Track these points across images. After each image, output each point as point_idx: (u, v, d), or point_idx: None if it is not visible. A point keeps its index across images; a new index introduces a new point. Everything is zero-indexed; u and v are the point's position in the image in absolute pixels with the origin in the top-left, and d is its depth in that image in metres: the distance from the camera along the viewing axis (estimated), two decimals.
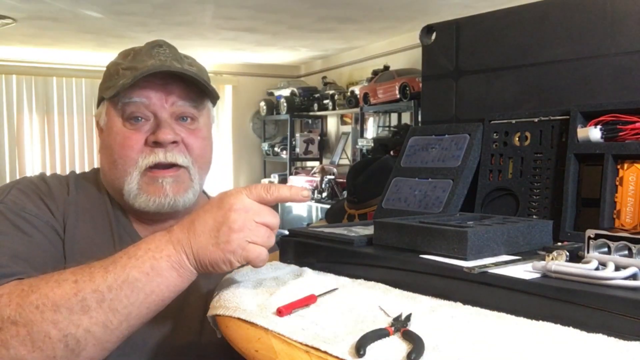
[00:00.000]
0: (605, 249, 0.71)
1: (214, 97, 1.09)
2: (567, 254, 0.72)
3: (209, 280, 0.97)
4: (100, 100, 1.06)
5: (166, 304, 0.79)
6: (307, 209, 5.48)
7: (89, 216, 1.03)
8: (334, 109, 5.48)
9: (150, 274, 0.75)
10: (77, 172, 1.14)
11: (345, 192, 4.49)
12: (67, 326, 0.71)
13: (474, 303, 0.70)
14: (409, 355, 0.55)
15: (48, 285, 0.73)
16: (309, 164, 6.25)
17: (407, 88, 4.17)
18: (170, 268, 0.77)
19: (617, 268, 0.66)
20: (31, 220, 0.94)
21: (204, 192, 1.18)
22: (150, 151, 0.99)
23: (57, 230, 0.97)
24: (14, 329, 0.69)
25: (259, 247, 0.78)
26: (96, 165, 1.15)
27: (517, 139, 1.07)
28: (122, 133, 1.00)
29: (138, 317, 0.76)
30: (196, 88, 1.04)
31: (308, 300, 0.74)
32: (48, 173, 1.10)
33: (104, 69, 1.11)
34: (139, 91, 0.99)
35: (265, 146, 6.44)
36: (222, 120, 6.55)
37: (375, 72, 4.78)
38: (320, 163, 5.95)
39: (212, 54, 5.86)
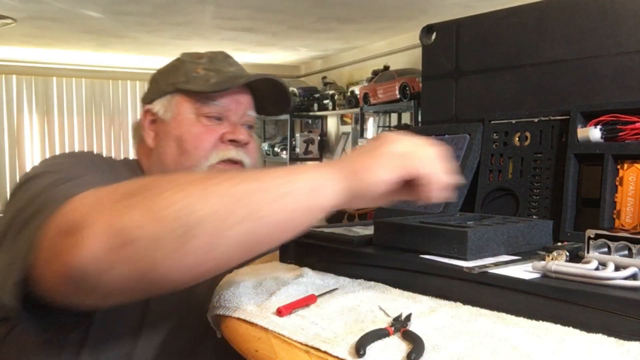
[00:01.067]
0: (605, 249, 0.71)
1: (289, 105, 1.20)
2: (567, 254, 0.72)
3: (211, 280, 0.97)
4: (164, 94, 1.10)
5: (297, 223, 0.66)
6: None
7: None
8: (334, 109, 5.48)
9: (289, 175, 0.66)
10: None
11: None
12: (189, 204, 0.60)
13: (474, 303, 0.70)
14: (408, 355, 0.55)
15: (176, 176, 0.68)
16: (309, 164, 6.24)
17: (407, 88, 4.17)
18: (315, 178, 0.67)
19: (617, 268, 0.66)
20: (107, 168, 0.97)
21: None
22: (224, 147, 1.07)
23: None
24: (137, 198, 0.61)
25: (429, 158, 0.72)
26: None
27: (517, 139, 1.07)
28: (199, 127, 1.07)
29: (263, 218, 0.63)
30: (254, 99, 1.14)
31: (308, 300, 0.74)
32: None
33: (104, 69, 1.13)
34: (221, 96, 1.08)
35: (265, 146, 6.44)
36: None
37: (375, 72, 4.77)
38: None
39: None
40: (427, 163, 0.71)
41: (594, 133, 0.94)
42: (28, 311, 0.68)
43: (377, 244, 0.89)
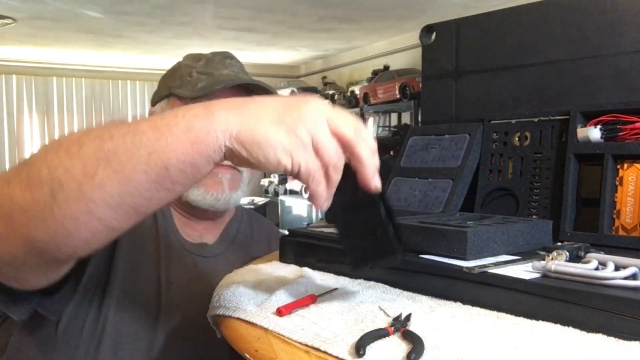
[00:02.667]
0: None
1: None
2: (567, 253, 0.72)
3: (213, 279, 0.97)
4: (165, 96, 1.12)
5: (172, 180, 0.59)
6: (307, 209, 5.47)
7: None
8: None
9: (161, 129, 0.58)
10: None
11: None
12: (56, 167, 0.58)
13: (473, 303, 0.70)
14: (408, 355, 0.55)
15: (72, 134, 0.63)
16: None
17: (407, 88, 4.17)
18: (189, 129, 0.57)
19: (617, 268, 0.66)
20: None
21: None
22: None
23: None
24: (20, 168, 0.62)
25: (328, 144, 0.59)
26: None
27: (517, 139, 1.07)
28: None
29: (133, 182, 0.58)
30: None
31: (308, 300, 0.74)
32: None
33: (104, 69, 1.14)
34: (212, 99, 1.06)
35: None
36: None
37: (375, 72, 4.78)
38: None
39: None
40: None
41: (594, 133, 0.94)
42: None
43: None
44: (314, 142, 0.57)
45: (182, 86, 1.09)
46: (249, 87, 1.10)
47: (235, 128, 0.57)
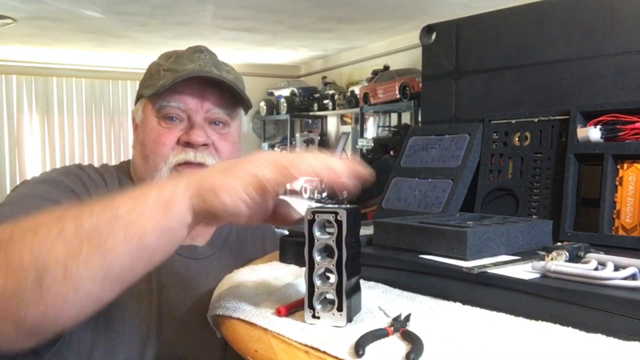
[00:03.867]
0: None
1: (246, 105, 1.14)
2: (567, 254, 0.72)
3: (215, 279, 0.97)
4: (139, 98, 1.12)
5: (151, 248, 0.64)
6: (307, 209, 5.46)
7: None
8: (334, 109, 5.48)
9: (134, 201, 0.64)
10: None
11: (345, 192, 4.48)
12: (40, 251, 0.61)
13: (473, 303, 0.70)
14: (407, 355, 0.55)
15: (44, 216, 0.66)
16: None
17: (407, 88, 4.17)
18: (158, 200, 0.64)
19: (617, 268, 0.66)
20: (65, 192, 0.98)
21: None
22: (181, 150, 1.05)
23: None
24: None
25: (268, 173, 0.65)
26: (97, 163, 1.17)
27: (517, 139, 1.07)
28: (157, 130, 1.06)
29: (115, 254, 0.62)
30: (231, 95, 1.09)
31: None
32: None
33: (104, 69, 1.15)
34: (177, 95, 1.05)
35: (265, 146, 6.44)
36: None
37: (375, 72, 4.78)
38: None
39: None
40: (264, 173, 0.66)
41: (594, 133, 0.94)
42: None
43: (376, 244, 0.89)
44: (257, 175, 0.64)
45: (149, 85, 1.08)
46: (215, 80, 1.05)
47: (194, 188, 0.64)
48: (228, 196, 0.62)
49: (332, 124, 6.20)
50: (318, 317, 0.66)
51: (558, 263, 0.68)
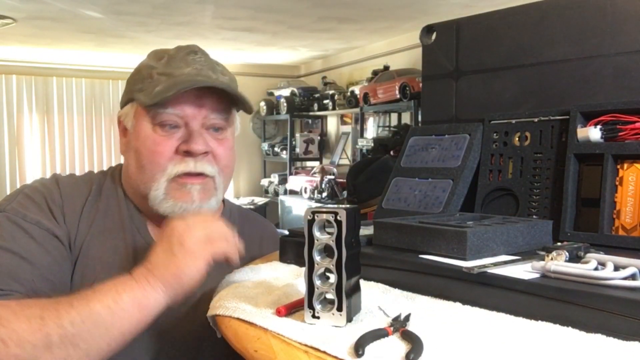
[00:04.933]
0: None
1: (248, 109, 1.09)
2: (567, 254, 0.72)
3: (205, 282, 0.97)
4: (128, 101, 1.04)
5: (126, 340, 0.81)
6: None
7: (105, 220, 1.03)
8: (334, 109, 5.47)
9: (112, 307, 0.78)
10: (78, 171, 1.14)
11: (345, 192, 4.49)
12: None
13: (473, 303, 0.70)
14: (407, 355, 0.55)
15: (18, 320, 0.75)
16: (309, 164, 6.24)
17: (407, 88, 4.17)
18: (132, 301, 0.80)
19: (616, 268, 0.66)
20: (29, 230, 0.94)
21: (223, 199, 1.17)
22: (180, 159, 0.99)
23: (59, 237, 0.96)
24: None
25: (218, 240, 0.87)
26: (97, 163, 1.14)
27: (517, 139, 1.07)
28: (153, 138, 0.99)
29: (98, 351, 0.78)
30: (227, 99, 1.04)
31: None
32: (57, 172, 1.10)
33: (104, 69, 1.11)
34: (174, 102, 0.99)
35: (265, 146, 6.44)
36: None
37: (375, 72, 4.77)
38: (320, 163, 5.94)
39: (212, 54, 5.84)
40: (219, 240, 0.87)
41: (594, 133, 0.94)
42: None
43: (377, 244, 0.89)
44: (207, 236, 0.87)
45: (142, 90, 1.01)
46: (218, 88, 1.01)
47: (160, 282, 0.83)
48: (198, 268, 0.84)
49: (332, 124, 6.20)
50: (318, 317, 0.66)
51: (558, 263, 0.68)
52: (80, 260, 0.97)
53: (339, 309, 0.65)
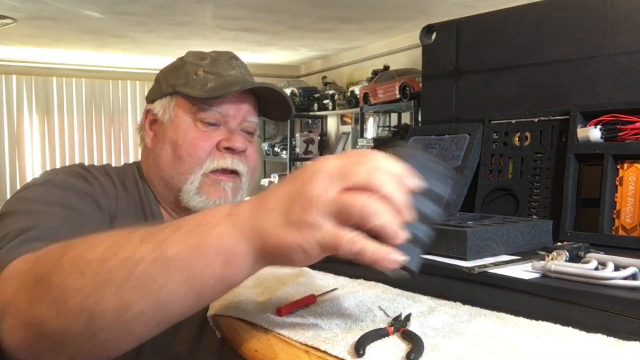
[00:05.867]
0: None
1: (281, 116, 1.15)
2: (567, 253, 0.72)
3: None
4: (166, 94, 1.07)
5: (213, 297, 0.62)
6: None
7: (127, 213, 1.03)
8: (334, 109, 5.48)
9: (193, 252, 0.57)
10: None
11: None
12: (88, 295, 0.58)
13: (473, 303, 0.70)
14: (408, 355, 0.55)
15: (84, 245, 0.62)
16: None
17: (407, 88, 4.17)
18: (218, 252, 0.57)
19: (617, 268, 0.66)
20: (82, 195, 0.94)
21: None
22: (220, 155, 1.04)
23: (104, 210, 0.97)
24: (46, 288, 0.60)
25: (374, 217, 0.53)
26: (97, 164, 1.14)
27: (517, 139, 1.07)
28: (194, 132, 1.04)
29: (170, 304, 0.58)
30: (257, 103, 1.11)
31: (308, 300, 0.74)
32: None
33: (104, 69, 1.12)
34: (219, 101, 1.04)
35: (265, 146, 6.44)
36: None
37: (375, 72, 4.77)
38: None
39: None
40: (343, 234, 0.54)
41: (594, 133, 0.94)
42: None
43: None
44: (335, 212, 0.53)
45: (188, 85, 1.05)
46: (253, 89, 1.08)
47: (258, 243, 0.57)
48: (299, 258, 0.56)
49: (332, 124, 6.20)
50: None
51: (558, 263, 0.68)
52: None
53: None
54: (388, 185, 0.54)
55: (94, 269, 0.58)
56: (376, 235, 0.53)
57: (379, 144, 4.18)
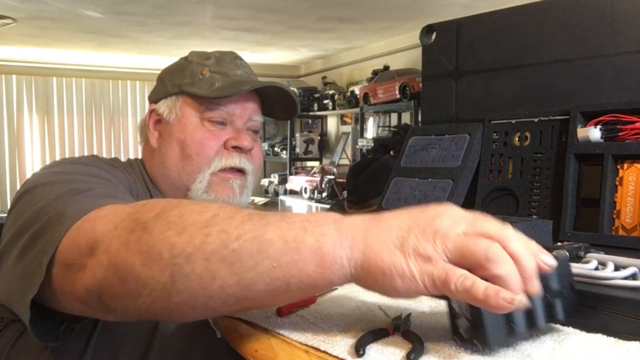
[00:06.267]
0: None
1: (293, 113, 1.16)
2: (567, 254, 0.72)
3: None
4: (172, 94, 1.08)
5: (296, 295, 0.60)
6: (307, 209, 5.48)
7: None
8: (334, 109, 5.47)
9: (289, 243, 0.57)
10: None
11: (345, 192, 4.49)
12: (179, 254, 0.58)
13: None
14: (408, 355, 0.55)
15: (192, 207, 0.62)
16: (309, 164, 6.24)
17: (407, 88, 4.16)
18: (316, 251, 0.56)
19: (617, 268, 0.66)
20: (109, 178, 0.92)
21: None
22: (227, 154, 1.05)
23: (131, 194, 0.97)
24: (141, 234, 0.60)
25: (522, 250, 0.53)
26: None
27: (517, 139, 1.07)
28: (202, 132, 1.05)
29: (252, 287, 0.58)
30: (261, 102, 1.12)
31: (308, 300, 0.74)
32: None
33: (104, 69, 1.12)
34: (226, 100, 1.05)
35: (265, 146, 6.43)
36: None
37: (375, 72, 4.77)
38: (320, 163, 5.94)
39: None
40: (455, 271, 0.52)
41: (594, 133, 0.94)
42: (39, 319, 0.69)
43: None
44: (455, 250, 0.53)
45: (194, 84, 1.06)
46: (258, 89, 1.09)
47: (360, 256, 0.55)
48: (402, 285, 0.53)
49: (332, 124, 6.20)
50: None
51: None
52: None
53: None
54: (518, 245, 0.52)
55: (194, 231, 0.59)
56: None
57: (379, 144, 4.18)
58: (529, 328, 0.56)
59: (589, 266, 0.66)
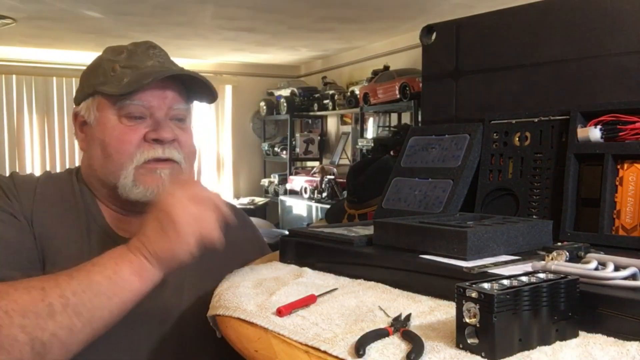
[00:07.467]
0: None
1: (210, 98, 1.13)
2: (567, 254, 0.72)
3: (206, 281, 0.96)
4: (88, 95, 1.06)
5: (127, 308, 0.83)
6: (307, 209, 5.48)
7: (59, 210, 1.03)
8: (334, 109, 5.47)
9: (112, 277, 0.81)
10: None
11: (345, 192, 4.49)
12: (34, 330, 0.74)
13: None
14: (408, 355, 0.55)
15: (17, 292, 0.76)
16: (309, 164, 6.24)
17: (407, 88, 4.16)
18: (132, 273, 0.82)
19: (617, 268, 0.66)
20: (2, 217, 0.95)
21: None
22: (149, 147, 1.02)
23: (26, 219, 0.98)
24: None
25: (207, 219, 0.85)
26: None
27: (517, 139, 1.07)
28: (120, 129, 1.02)
29: (101, 320, 0.80)
30: (186, 91, 1.09)
31: (308, 300, 0.74)
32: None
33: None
34: (141, 93, 1.02)
35: (265, 146, 6.44)
36: (222, 121, 6.54)
37: (375, 72, 4.77)
38: (320, 163, 5.94)
39: (212, 54, 5.85)
40: (205, 225, 0.85)
41: (594, 133, 0.94)
42: None
43: (377, 244, 0.89)
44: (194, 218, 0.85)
45: (106, 83, 1.03)
46: (176, 75, 1.06)
47: (155, 256, 0.84)
48: (187, 250, 0.84)
49: (332, 124, 6.20)
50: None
51: (558, 263, 0.68)
52: (43, 247, 0.98)
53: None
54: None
55: (34, 308, 0.75)
56: None
57: (379, 144, 4.18)
58: (538, 345, 0.57)
59: (589, 266, 0.66)
